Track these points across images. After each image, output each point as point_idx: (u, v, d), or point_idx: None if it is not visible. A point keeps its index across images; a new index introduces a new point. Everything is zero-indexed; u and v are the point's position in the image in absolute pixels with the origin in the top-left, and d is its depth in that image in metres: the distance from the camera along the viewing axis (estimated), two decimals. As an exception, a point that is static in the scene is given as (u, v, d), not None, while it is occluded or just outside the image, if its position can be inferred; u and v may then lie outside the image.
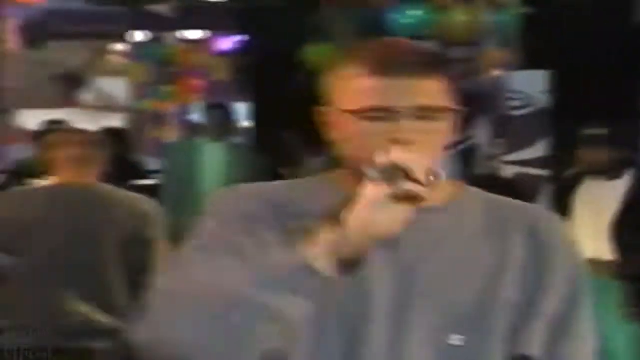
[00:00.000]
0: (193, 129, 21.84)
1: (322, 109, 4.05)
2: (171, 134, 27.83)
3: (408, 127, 3.79)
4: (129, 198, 11.40)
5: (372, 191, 3.64)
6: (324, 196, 4.04)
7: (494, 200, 4.28)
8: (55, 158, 10.86)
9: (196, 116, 23.81)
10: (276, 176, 16.05)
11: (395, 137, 3.78)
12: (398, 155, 3.66)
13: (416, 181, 3.56)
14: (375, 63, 3.83)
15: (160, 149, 23.86)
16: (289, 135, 17.87)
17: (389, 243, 3.76)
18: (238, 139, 19.85)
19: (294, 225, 3.89)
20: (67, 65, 21.18)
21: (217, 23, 21.88)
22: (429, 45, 3.74)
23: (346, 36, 18.82)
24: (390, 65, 3.81)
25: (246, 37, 24.12)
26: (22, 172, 18.16)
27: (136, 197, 11.41)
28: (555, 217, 4.44)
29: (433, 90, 3.82)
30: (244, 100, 23.02)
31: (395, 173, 3.62)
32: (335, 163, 4.20)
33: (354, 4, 18.65)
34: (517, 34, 16.60)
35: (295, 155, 17.43)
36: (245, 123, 22.86)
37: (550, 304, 4.03)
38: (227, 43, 25.26)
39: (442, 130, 3.88)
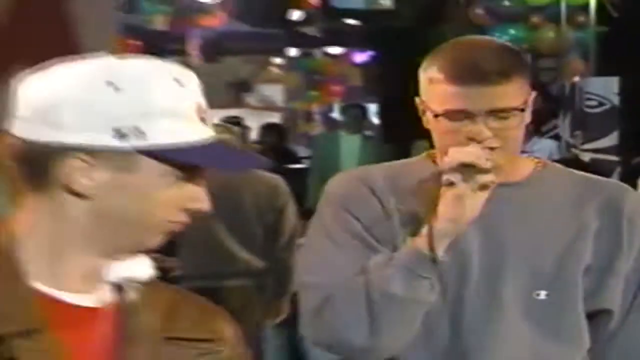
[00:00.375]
0: (334, 124, 21.67)
1: (419, 101, 3.93)
2: (316, 129, 28.30)
3: (484, 126, 3.70)
4: (265, 175, 11.65)
5: (451, 192, 3.63)
6: (414, 175, 4.00)
7: (573, 175, 4.16)
8: None
9: (336, 114, 24.36)
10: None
11: (472, 135, 3.72)
12: (458, 155, 3.65)
13: (483, 170, 3.55)
14: (452, 71, 3.72)
15: (308, 140, 23.50)
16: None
17: (477, 218, 3.69)
18: (369, 132, 19.53)
19: (402, 208, 3.88)
20: (237, 75, 21.27)
21: (353, 41, 21.88)
22: (506, 48, 3.39)
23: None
24: (465, 74, 3.69)
25: (376, 52, 23.60)
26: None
27: (271, 175, 11.54)
28: (629, 189, 4.26)
29: (506, 93, 3.72)
30: (374, 101, 22.69)
31: (464, 170, 3.62)
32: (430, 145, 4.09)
33: (465, 24, 18.60)
34: (593, 47, 16.45)
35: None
36: (375, 120, 22.68)
37: (625, 263, 3.91)
38: (362, 57, 24.59)
39: (515, 125, 3.78)
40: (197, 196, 2.62)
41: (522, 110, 3.80)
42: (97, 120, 2.46)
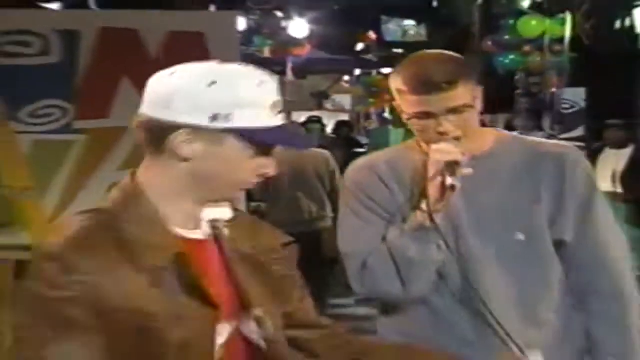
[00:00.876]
0: (385, 121, 21.75)
1: (396, 105, 4.00)
2: (373, 125, 27.71)
3: (445, 121, 3.73)
4: (319, 151, 11.99)
5: (437, 181, 3.67)
6: (407, 159, 4.03)
7: (526, 141, 4.21)
8: None
9: (387, 114, 23.21)
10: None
11: (439, 130, 3.75)
12: (440, 156, 3.70)
13: (460, 163, 3.62)
14: (413, 85, 3.75)
15: (367, 133, 23.41)
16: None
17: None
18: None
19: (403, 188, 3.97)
20: (318, 87, 21.21)
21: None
22: (452, 59, 3.40)
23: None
24: (422, 86, 3.71)
25: None
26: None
27: (322, 151, 11.85)
28: (567, 145, 4.34)
29: (456, 95, 3.73)
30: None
31: (447, 166, 3.67)
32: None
33: (479, 52, 18.78)
34: (567, 68, 16.69)
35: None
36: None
37: (574, 202, 3.92)
38: None
39: (469, 117, 3.81)
40: (267, 165, 2.79)
41: (472, 105, 3.82)
42: (198, 106, 2.69)
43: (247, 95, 2.67)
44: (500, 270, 3.94)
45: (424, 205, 3.76)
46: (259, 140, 2.69)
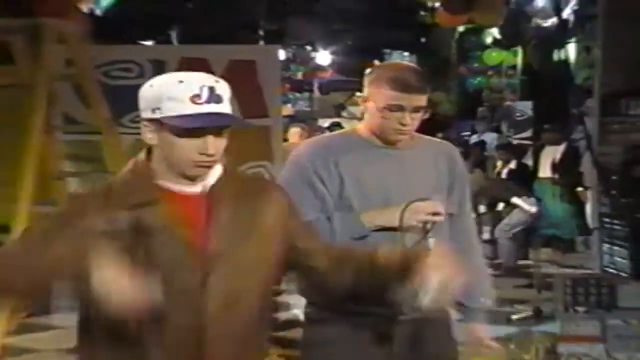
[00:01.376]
0: None
1: (363, 97, 3.82)
2: None
3: (408, 116, 3.62)
4: None
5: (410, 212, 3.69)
6: (348, 141, 3.84)
7: (431, 140, 4.09)
8: None
9: None
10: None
11: (402, 121, 3.65)
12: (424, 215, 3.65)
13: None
14: (396, 84, 3.63)
15: None
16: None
17: (388, 171, 3.82)
18: None
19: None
20: (338, 101, 21.11)
21: None
22: (420, 72, 3.47)
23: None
24: (404, 86, 3.61)
25: None
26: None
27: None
28: (453, 146, 4.26)
29: (421, 99, 3.66)
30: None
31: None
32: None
33: (457, 75, 18.85)
34: (519, 87, 16.67)
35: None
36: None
37: (457, 189, 3.94)
38: None
39: (421, 116, 3.69)
40: (201, 145, 2.62)
41: (425, 109, 3.73)
42: (145, 104, 2.65)
43: (169, 91, 2.60)
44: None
45: (372, 215, 3.69)
46: (177, 125, 2.59)
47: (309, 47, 19.91)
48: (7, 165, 6.00)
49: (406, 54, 20.45)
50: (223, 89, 2.69)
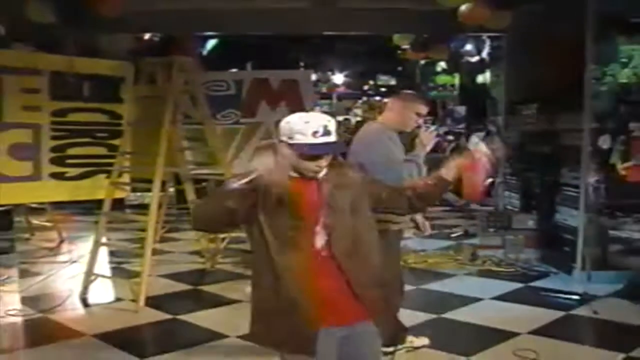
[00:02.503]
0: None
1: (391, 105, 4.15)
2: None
3: (420, 118, 4.08)
4: None
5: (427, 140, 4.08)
6: (390, 130, 4.03)
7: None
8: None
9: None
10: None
11: (419, 122, 4.07)
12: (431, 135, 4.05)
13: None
14: (420, 102, 4.14)
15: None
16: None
17: None
18: None
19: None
20: (347, 105, 20.63)
21: (386, 94, 22.10)
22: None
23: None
24: (422, 103, 4.17)
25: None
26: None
27: None
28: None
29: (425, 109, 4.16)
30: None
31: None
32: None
33: (419, 91, 18.68)
34: (457, 97, 16.45)
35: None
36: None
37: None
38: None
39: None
40: (312, 166, 2.53)
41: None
42: (284, 132, 2.51)
43: (298, 127, 2.50)
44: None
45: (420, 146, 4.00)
46: (300, 150, 2.50)
47: (330, 72, 19.90)
48: (150, 143, 5.98)
49: (388, 77, 20.38)
50: (332, 125, 2.54)
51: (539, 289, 6.05)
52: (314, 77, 15.19)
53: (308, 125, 2.50)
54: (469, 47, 11.44)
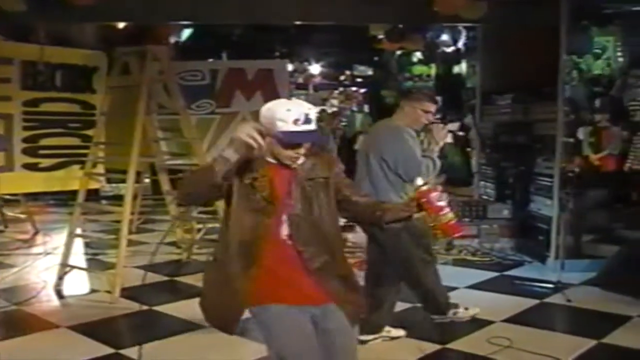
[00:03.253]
0: (352, 112, 21.55)
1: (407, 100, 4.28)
2: (349, 110, 26.62)
3: (430, 116, 4.22)
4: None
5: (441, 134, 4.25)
6: (407, 128, 4.17)
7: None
8: None
9: (354, 108, 20.76)
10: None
11: (430, 119, 4.21)
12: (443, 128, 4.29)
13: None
14: (430, 100, 4.22)
15: (346, 117, 23.07)
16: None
17: None
18: (367, 111, 18.45)
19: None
20: (323, 96, 20.80)
21: (357, 84, 22.03)
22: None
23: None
24: (432, 101, 4.26)
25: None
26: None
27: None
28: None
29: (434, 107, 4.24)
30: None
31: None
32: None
33: (396, 81, 18.74)
34: (433, 87, 16.48)
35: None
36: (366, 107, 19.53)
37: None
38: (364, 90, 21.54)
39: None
40: (292, 154, 2.59)
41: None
42: (264, 119, 2.56)
43: (280, 115, 2.53)
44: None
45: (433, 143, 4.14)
46: (281, 138, 2.54)
47: (306, 63, 19.84)
48: (124, 133, 5.96)
49: (364, 67, 20.35)
50: (313, 113, 2.58)
51: (514, 278, 6.12)
52: (290, 67, 15.12)
53: (290, 113, 2.53)
54: (444, 37, 11.48)
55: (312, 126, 2.56)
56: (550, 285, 5.65)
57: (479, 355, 4.18)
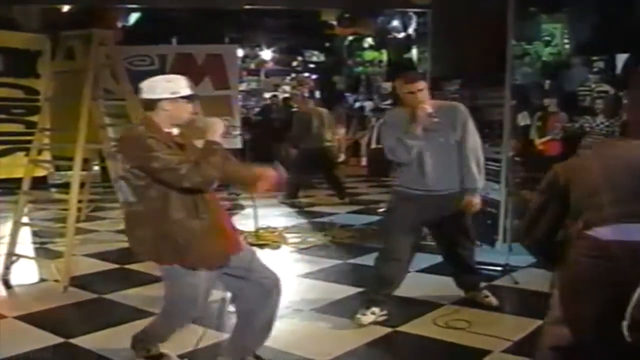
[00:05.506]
0: (304, 98, 21.48)
1: (399, 87, 4.39)
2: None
3: (420, 95, 4.25)
4: (322, 109, 10.77)
5: (423, 117, 4.22)
6: (402, 112, 4.38)
7: (442, 103, 4.65)
8: None
9: (305, 94, 21.88)
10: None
11: (418, 99, 4.25)
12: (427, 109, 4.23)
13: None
14: (407, 80, 4.29)
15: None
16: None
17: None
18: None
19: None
20: (275, 82, 20.59)
21: (315, 71, 22.78)
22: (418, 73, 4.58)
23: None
24: (411, 80, 4.30)
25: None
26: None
27: (323, 109, 10.00)
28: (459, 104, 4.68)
29: (421, 84, 4.27)
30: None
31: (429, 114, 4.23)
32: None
33: (346, 66, 18.78)
34: (384, 73, 16.53)
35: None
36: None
37: (460, 126, 4.37)
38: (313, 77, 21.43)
39: (425, 94, 4.28)
40: (187, 116, 3.31)
41: (423, 89, 4.26)
42: (164, 90, 3.27)
43: (172, 84, 3.29)
44: (433, 153, 4.36)
45: (414, 126, 4.21)
46: (184, 98, 3.27)
47: (258, 48, 19.75)
48: (70, 119, 5.87)
49: (317, 52, 20.37)
50: (191, 83, 3.33)
51: (463, 261, 6.19)
52: (241, 52, 15.06)
53: (182, 81, 3.28)
54: (395, 23, 11.57)
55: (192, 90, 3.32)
56: (499, 268, 5.75)
57: (430, 337, 4.28)
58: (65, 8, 8.92)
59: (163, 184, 3.14)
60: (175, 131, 3.27)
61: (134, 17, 11.67)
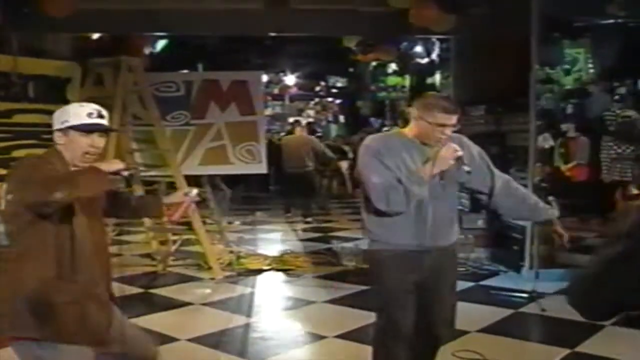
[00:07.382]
0: (329, 122, 21.61)
1: (417, 115, 3.06)
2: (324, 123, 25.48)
3: (447, 130, 3.09)
4: (311, 137, 10.68)
5: (445, 162, 3.04)
6: (394, 139, 3.18)
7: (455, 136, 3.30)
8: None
9: (329, 119, 21.14)
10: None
11: (445, 132, 3.03)
12: (449, 152, 3.04)
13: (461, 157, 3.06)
14: (444, 110, 3.02)
15: (321, 127, 23.51)
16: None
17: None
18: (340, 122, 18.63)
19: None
20: (299, 107, 20.79)
21: (337, 96, 22.41)
22: (452, 100, 3.03)
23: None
24: (448, 111, 3.07)
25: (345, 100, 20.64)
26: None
27: (312, 137, 10.52)
28: (463, 136, 3.43)
29: (455, 118, 3.04)
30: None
31: (459, 159, 3.07)
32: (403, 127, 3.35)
33: (369, 92, 18.77)
34: (408, 98, 16.54)
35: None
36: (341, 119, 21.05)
37: (479, 160, 3.37)
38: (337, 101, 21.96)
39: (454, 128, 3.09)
40: (86, 148, 2.68)
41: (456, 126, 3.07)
42: (58, 119, 2.71)
43: (73, 110, 2.68)
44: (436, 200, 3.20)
45: (426, 169, 3.11)
46: (74, 128, 2.65)
47: (282, 74, 19.85)
48: None
49: (340, 78, 20.43)
50: (105, 113, 2.72)
51: (489, 288, 6.12)
52: (265, 78, 15.13)
53: (82, 109, 2.69)
54: (418, 48, 11.57)
55: (105, 121, 2.72)
56: (525, 295, 5.65)
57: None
58: (95, 36, 9.03)
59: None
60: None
61: (160, 44, 11.79)
